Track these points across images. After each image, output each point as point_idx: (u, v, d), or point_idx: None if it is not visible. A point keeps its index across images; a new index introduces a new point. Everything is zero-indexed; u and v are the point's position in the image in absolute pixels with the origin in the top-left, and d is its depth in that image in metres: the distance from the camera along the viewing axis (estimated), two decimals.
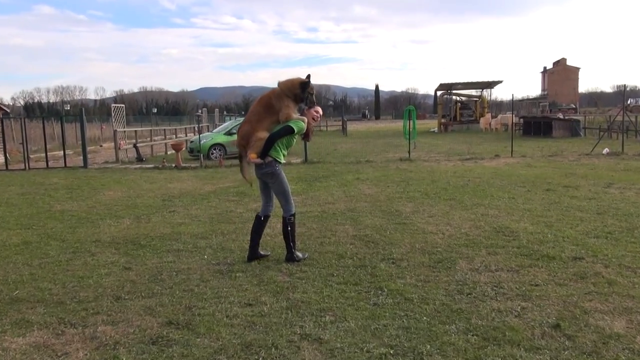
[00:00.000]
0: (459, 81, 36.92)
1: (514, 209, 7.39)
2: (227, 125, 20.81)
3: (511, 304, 3.85)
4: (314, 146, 17.67)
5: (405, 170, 12.78)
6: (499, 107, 67.15)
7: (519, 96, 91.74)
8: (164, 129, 28.64)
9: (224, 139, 18.16)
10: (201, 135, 18.30)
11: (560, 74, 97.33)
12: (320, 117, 5.23)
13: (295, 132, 4.89)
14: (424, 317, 3.64)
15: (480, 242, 5.61)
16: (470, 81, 36.78)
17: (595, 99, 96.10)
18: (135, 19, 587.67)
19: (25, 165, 16.34)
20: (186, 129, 33.96)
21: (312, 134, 5.22)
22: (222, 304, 3.99)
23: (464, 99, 38.61)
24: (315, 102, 5.07)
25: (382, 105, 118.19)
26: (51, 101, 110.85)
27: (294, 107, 4.96)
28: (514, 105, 30.79)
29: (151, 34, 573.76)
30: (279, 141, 4.89)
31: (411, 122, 17.54)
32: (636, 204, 7.53)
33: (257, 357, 3.14)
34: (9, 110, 41.95)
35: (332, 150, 20.30)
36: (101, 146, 27.62)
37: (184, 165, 15.43)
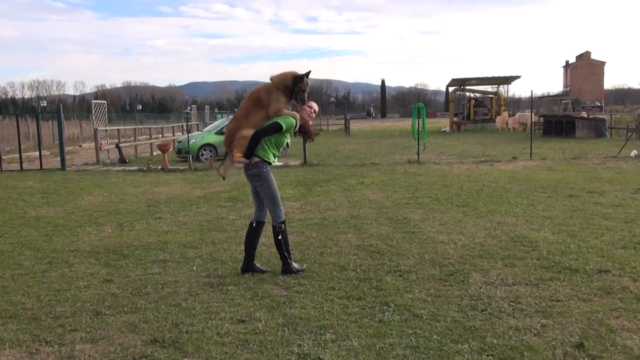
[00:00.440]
0: (473, 76, 37.11)
1: (533, 217, 7.40)
2: (218, 123, 20.88)
3: (530, 322, 3.85)
4: (314, 147, 17.68)
5: (414, 173, 12.81)
6: (516, 104, 67.20)
7: (538, 93, 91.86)
8: (150, 128, 28.62)
9: (214, 139, 18.16)
10: (190, 134, 18.34)
11: (584, 69, 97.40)
12: (315, 113, 5.17)
13: (283, 129, 4.81)
14: (434, 336, 3.64)
15: (496, 253, 5.62)
16: (485, 76, 36.94)
17: (622, 96, 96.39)
18: (117, 7, 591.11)
19: None
20: (174, 127, 34.04)
21: (314, 134, 5.19)
22: (212, 320, 3.99)
23: (478, 95, 38.71)
24: (305, 99, 4.97)
25: (389, 102, 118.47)
26: (26, 97, 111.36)
27: (286, 102, 4.89)
28: (533, 102, 30.84)
29: (135, 24, 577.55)
30: (267, 140, 4.83)
31: (420, 120, 17.56)
32: None
33: None
34: None
35: (333, 151, 20.36)
36: (80, 146, 27.64)
37: (171, 167, 15.45)
